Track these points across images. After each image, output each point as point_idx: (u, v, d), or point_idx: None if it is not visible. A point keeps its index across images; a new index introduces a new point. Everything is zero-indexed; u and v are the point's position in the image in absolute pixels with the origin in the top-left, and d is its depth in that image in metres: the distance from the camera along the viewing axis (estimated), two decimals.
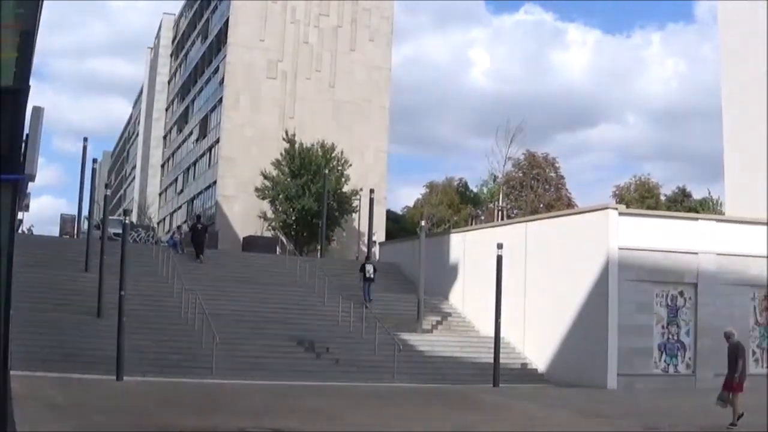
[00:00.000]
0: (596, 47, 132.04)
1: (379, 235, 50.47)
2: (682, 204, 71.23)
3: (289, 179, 52.24)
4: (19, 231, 37.51)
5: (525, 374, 27.00)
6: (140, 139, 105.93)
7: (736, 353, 16.06)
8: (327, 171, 48.12)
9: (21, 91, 8.61)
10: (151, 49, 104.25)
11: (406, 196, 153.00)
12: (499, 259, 25.48)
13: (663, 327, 25.59)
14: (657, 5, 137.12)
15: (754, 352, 26.80)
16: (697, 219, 28.77)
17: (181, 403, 16.85)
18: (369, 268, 31.43)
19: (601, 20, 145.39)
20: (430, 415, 16.84)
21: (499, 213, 66.66)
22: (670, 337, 25.74)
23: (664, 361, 25.70)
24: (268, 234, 53.52)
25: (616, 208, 26.53)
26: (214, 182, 62.43)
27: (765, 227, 27.73)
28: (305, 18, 63.37)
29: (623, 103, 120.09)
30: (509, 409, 18.70)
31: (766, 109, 37.95)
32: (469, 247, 33.20)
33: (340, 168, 52.87)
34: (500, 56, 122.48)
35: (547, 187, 73.41)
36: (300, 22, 63.17)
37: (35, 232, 50.89)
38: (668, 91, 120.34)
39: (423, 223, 34.05)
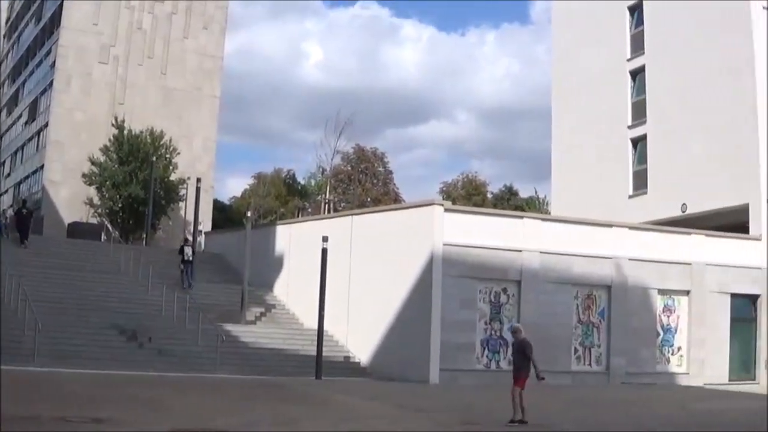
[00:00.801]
0: (430, 44, 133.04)
1: (206, 225, 50.24)
2: (508, 202, 72.69)
3: (116, 166, 50.38)
4: None
5: (348, 367, 26.81)
6: None
7: (524, 350, 15.91)
8: (155, 158, 45.80)
9: None
10: None
11: (234, 186, 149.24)
12: (324, 252, 25.23)
13: (486, 323, 25.80)
14: (493, 5, 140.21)
15: (576, 350, 27.45)
16: (522, 217, 29.27)
17: None
18: (188, 250, 31.09)
19: (436, 18, 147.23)
20: (250, 408, 16.40)
21: (326, 206, 65.73)
22: (493, 333, 25.90)
23: (487, 356, 26.12)
24: (94, 221, 50.71)
25: (442, 205, 26.54)
26: (42, 167, 60.47)
27: (588, 227, 27.48)
28: (140, 4, 61.16)
29: (455, 101, 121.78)
30: (330, 402, 18.47)
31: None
32: (295, 240, 32.86)
33: (168, 156, 50.46)
34: (334, 50, 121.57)
35: (375, 181, 73.50)
36: (135, 7, 61.25)
37: None
38: (500, 91, 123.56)
39: (249, 213, 32.74)
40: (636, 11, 39.34)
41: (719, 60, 33.66)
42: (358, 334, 27.58)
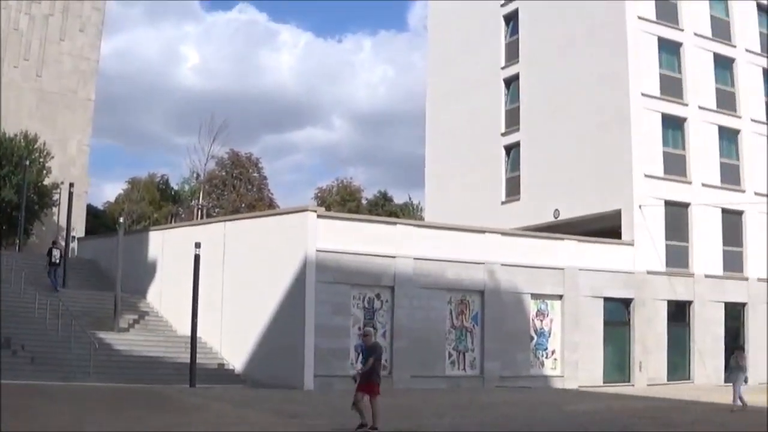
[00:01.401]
0: (307, 50, 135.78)
1: (79, 230, 50.11)
2: (383, 208, 75.55)
3: None
4: None
5: (222, 375, 27.64)
6: None
7: (372, 353, 16.75)
8: (28, 163, 46.14)
9: None
10: None
11: (110, 191, 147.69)
12: (197, 258, 25.88)
13: (360, 329, 26.76)
14: (371, 12, 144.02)
15: (450, 354, 29.09)
16: (395, 224, 30.49)
17: None
18: (56, 253, 31.70)
19: (314, 23, 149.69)
20: (124, 416, 16.78)
21: (199, 211, 66.86)
22: None
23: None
24: None
25: (315, 211, 27.58)
26: None
27: (461, 233, 29.64)
28: (17, 4, 60.42)
29: (330, 107, 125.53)
30: (204, 409, 18.95)
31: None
32: (168, 246, 33.47)
33: (42, 160, 50.66)
34: (211, 54, 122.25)
35: (249, 187, 75.02)
36: (12, 7, 60.03)
37: None
38: (376, 97, 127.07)
39: (122, 219, 33.75)
40: (511, 20, 41.91)
41: (592, 69, 36.27)
42: (233, 341, 28.39)
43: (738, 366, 24.22)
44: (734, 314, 36.92)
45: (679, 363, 34.87)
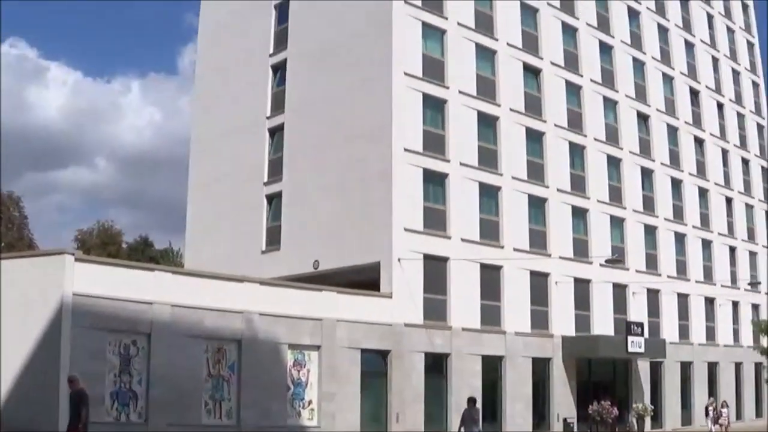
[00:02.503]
0: (75, 88, 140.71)
1: None
2: (143, 253, 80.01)
3: None
4: None
5: None
6: None
7: (78, 401, 19.19)
8: None
9: None
10: None
11: None
12: None
13: (115, 375, 30.18)
14: (141, 52, 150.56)
15: (206, 403, 32.72)
16: (153, 269, 34.13)
17: None
18: None
19: (84, 62, 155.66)
20: None
21: None
22: (123, 385, 30.36)
23: (117, 409, 30.13)
24: None
25: (73, 254, 30.50)
26: None
27: (220, 281, 33.72)
28: None
29: (95, 147, 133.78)
30: None
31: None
32: None
33: None
34: None
35: (10, 226, 76.23)
36: None
37: None
38: (141, 139, 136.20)
39: None
40: (279, 70, 47.37)
41: (357, 122, 41.69)
42: None
43: (471, 419, 29.89)
44: (492, 367, 43.04)
45: (436, 414, 40.08)
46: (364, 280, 39.90)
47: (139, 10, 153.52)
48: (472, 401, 32.03)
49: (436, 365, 40.92)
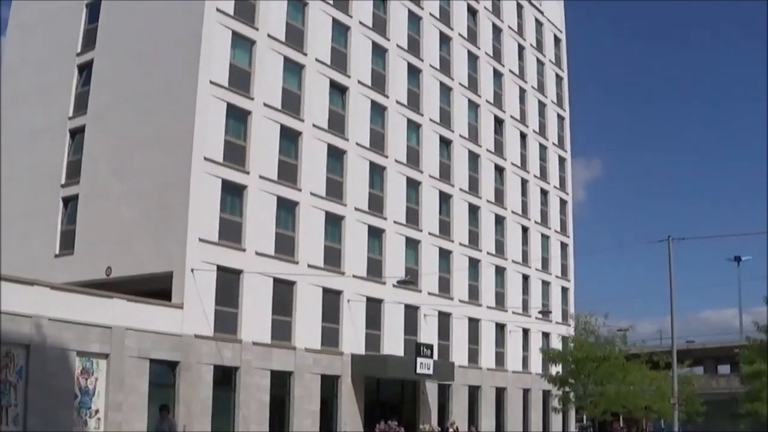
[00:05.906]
0: None
1: None
2: None
3: None
4: None
5: None
6: None
7: None
8: None
9: None
10: None
11: None
12: None
13: None
14: None
15: None
16: None
17: None
18: None
19: None
20: None
21: None
22: None
23: None
24: None
25: None
26: None
27: (8, 284, 34.51)
28: None
29: None
30: None
31: None
32: None
33: None
34: None
35: None
36: None
37: None
38: None
39: None
40: (85, 70, 48.71)
41: (159, 127, 43.41)
42: None
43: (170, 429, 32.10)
44: (281, 382, 45.51)
45: (223, 428, 41.93)
46: (157, 289, 41.24)
47: None
48: (165, 410, 33.69)
49: (225, 378, 42.83)
